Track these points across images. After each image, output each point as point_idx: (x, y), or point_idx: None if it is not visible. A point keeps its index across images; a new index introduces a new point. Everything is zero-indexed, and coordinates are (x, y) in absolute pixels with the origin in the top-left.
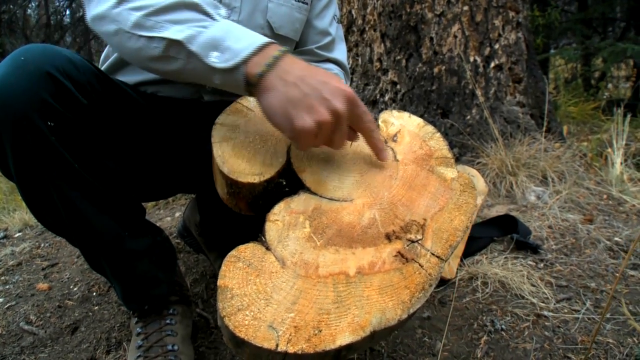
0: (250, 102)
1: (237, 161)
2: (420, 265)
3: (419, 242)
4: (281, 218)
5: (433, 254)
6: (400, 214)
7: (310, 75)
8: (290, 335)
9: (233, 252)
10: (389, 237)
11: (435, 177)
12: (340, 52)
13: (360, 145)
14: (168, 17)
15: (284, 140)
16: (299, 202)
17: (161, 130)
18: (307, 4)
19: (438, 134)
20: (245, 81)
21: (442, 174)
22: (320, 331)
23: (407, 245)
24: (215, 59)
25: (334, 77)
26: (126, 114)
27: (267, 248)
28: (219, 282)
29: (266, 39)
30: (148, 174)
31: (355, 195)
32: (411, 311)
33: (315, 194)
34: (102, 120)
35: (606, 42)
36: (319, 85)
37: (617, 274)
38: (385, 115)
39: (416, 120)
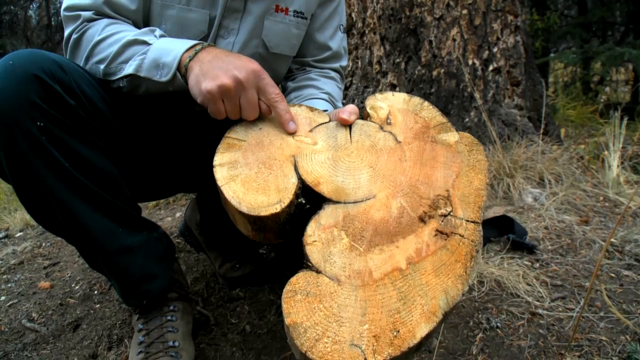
0: (237, 132)
1: (252, 196)
2: (460, 235)
3: (451, 214)
4: (317, 238)
5: (468, 221)
6: (423, 194)
7: (222, 57)
8: (373, 346)
9: (287, 287)
10: (422, 220)
11: (440, 146)
12: (341, 62)
13: (361, 138)
14: (120, 59)
15: (286, 160)
16: (327, 216)
17: (160, 131)
18: (306, 18)
19: (426, 103)
20: (184, 80)
21: (445, 140)
22: (399, 331)
23: (442, 221)
24: (159, 76)
25: (245, 58)
26: (119, 115)
27: (317, 271)
28: (287, 321)
29: (190, 44)
30: (147, 173)
31: (375, 190)
32: (470, 282)
33: (338, 202)
34: (93, 120)
35: (605, 46)
36: (227, 62)
37: (596, 266)
38: (371, 102)
39: (401, 96)
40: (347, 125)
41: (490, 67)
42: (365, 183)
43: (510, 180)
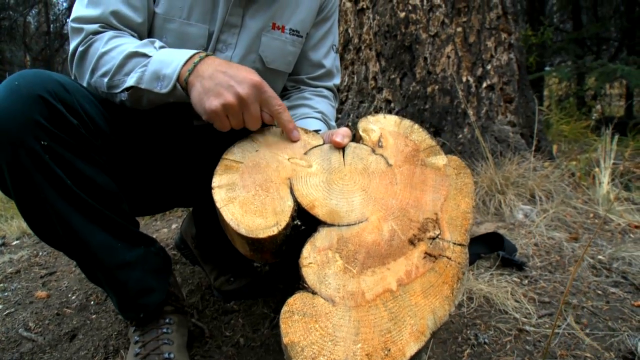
0: (235, 154)
1: (250, 218)
2: (448, 258)
3: (439, 237)
4: (313, 260)
5: (455, 243)
6: (413, 217)
7: (222, 70)
8: None
9: (285, 308)
10: (412, 242)
11: (429, 170)
12: (334, 80)
13: (354, 161)
14: (123, 72)
15: (282, 183)
16: (322, 239)
17: (158, 148)
18: (301, 37)
19: (416, 126)
20: (184, 91)
21: (434, 163)
22: (389, 350)
23: (431, 244)
24: (159, 88)
25: (244, 69)
26: (119, 132)
27: (313, 292)
28: (284, 340)
29: (189, 55)
30: (146, 188)
31: (368, 213)
32: (456, 302)
33: (332, 224)
34: (94, 138)
35: (598, 62)
36: (228, 76)
37: (573, 268)
38: (363, 124)
39: (392, 119)
40: (341, 148)
41: (484, 84)
42: (358, 206)
43: (501, 196)
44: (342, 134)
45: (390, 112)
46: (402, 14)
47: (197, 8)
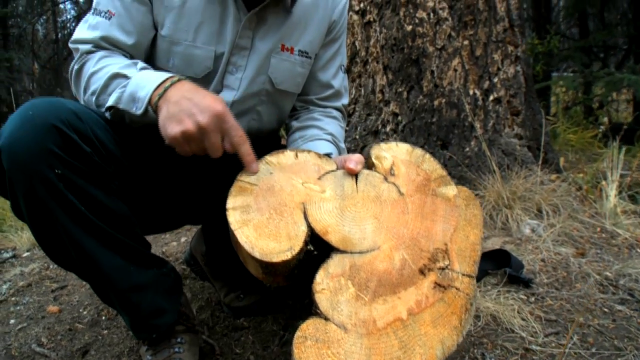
0: (249, 176)
1: (264, 242)
2: (457, 288)
3: (448, 267)
4: (326, 286)
5: (464, 274)
6: (424, 247)
7: (188, 97)
8: None
9: (298, 333)
10: (422, 272)
11: (440, 200)
12: (342, 101)
13: (367, 188)
14: (107, 91)
15: (296, 207)
16: (335, 265)
17: (168, 168)
18: (310, 58)
19: (427, 155)
20: (156, 114)
21: (444, 194)
22: None
23: (440, 274)
24: (135, 109)
25: (210, 97)
26: (131, 155)
27: (326, 318)
28: None
29: (162, 79)
30: (156, 208)
31: (380, 242)
32: (464, 333)
33: (345, 251)
34: (107, 165)
35: (604, 71)
36: (192, 103)
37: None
38: (376, 151)
39: (404, 147)
40: (354, 174)
41: (491, 97)
42: (370, 234)
43: (508, 211)
44: (355, 160)
45: (397, 125)
46: (409, 27)
47: (204, 30)
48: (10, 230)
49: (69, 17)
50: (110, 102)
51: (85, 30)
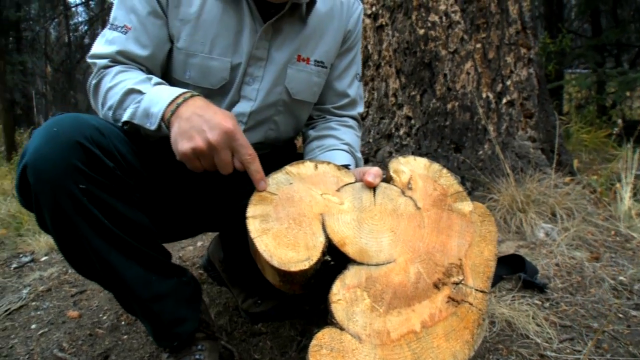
0: (269, 186)
1: (283, 251)
2: (470, 303)
3: (462, 282)
4: (342, 296)
5: (477, 290)
6: (438, 261)
7: (199, 113)
8: None
9: (314, 342)
10: (437, 286)
11: (455, 215)
12: (358, 109)
13: (384, 201)
14: (123, 107)
15: (315, 218)
16: (351, 277)
17: (186, 177)
18: (326, 67)
19: (445, 170)
20: (168, 130)
21: (460, 209)
22: None
23: (454, 289)
24: (149, 125)
25: (221, 114)
26: (150, 166)
27: (341, 328)
28: None
29: (175, 95)
30: (175, 217)
31: (396, 255)
32: (476, 347)
33: (362, 263)
34: (129, 178)
35: (617, 71)
36: (203, 120)
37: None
38: (394, 165)
39: (422, 161)
40: (372, 187)
41: (504, 100)
42: (387, 247)
43: (522, 215)
44: (374, 173)
45: (410, 128)
46: (422, 31)
47: (220, 42)
48: (28, 234)
49: (80, 19)
50: (125, 117)
51: (102, 45)
